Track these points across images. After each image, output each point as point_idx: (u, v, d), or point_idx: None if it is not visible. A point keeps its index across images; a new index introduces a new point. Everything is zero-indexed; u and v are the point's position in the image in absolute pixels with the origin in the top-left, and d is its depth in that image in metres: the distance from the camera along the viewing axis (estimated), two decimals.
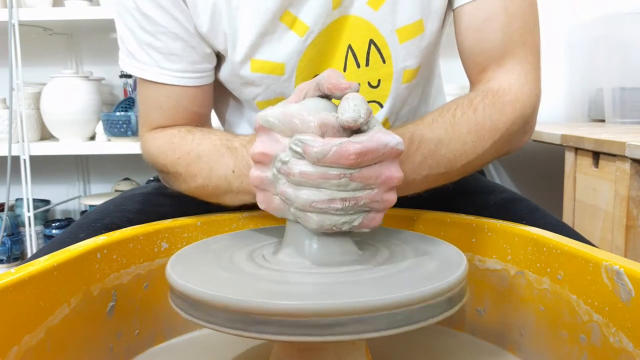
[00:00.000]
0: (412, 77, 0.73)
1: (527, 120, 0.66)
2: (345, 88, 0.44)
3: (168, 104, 0.74)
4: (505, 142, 0.64)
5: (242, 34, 0.68)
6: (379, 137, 0.43)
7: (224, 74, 0.74)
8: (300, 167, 0.42)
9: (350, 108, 0.42)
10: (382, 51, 0.70)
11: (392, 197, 0.45)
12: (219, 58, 0.74)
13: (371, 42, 0.70)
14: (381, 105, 0.74)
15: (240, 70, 0.71)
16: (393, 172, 0.44)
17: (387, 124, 0.75)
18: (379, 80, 0.72)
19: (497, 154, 0.65)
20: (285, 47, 0.68)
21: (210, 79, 0.74)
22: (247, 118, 0.79)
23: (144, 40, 0.70)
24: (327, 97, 0.47)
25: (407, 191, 0.60)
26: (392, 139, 0.43)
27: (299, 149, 0.42)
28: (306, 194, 0.43)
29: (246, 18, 0.67)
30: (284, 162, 0.43)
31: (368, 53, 0.70)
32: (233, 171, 0.62)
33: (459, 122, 0.61)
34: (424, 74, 0.76)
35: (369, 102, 0.71)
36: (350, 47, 0.70)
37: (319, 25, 0.68)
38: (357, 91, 0.45)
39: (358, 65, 0.71)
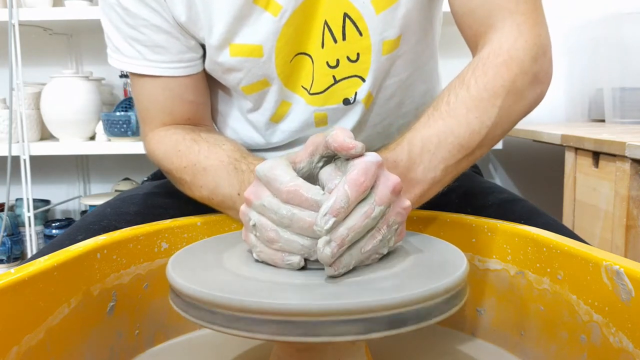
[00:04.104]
0: (393, 48, 0.72)
1: (531, 72, 0.63)
2: (350, 148, 0.44)
3: (162, 96, 0.74)
4: (515, 101, 0.63)
5: (218, 20, 0.68)
6: (358, 160, 0.43)
7: (207, 62, 0.74)
8: (347, 225, 0.42)
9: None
10: (357, 24, 0.70)
11: (407, 203, 0.46)
12: (204, 48, 0.74)
13: (345, 15, 0.69)
14: (363, 80, 0.73)
15: (220, 57, 0.71)
16: (391, 179, 0.45)
17: (370, 97, 0.75)
18: (358, 54, 0.71)
19: (515, 115, 0.64)
20: (262, 29, 0.69)
21: (199, 68, 0.74)
22: (237, 106, 0.79)
23: (129, 35, 0.71)
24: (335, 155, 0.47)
25: (436, 189, 0.61)
26: (367, 156, 0.44)
27: (330, 224, 0.41)
28: (362, 244, 0.43)
29: (220, 4, 0.68)
30: (326, 244, 0.41)
31: (344, 27, 0.70)
32: (238, 194, 0.63)
33: (454, 106, 0.60)
34: (410, 44, 0.74)
35: (350, 77, 0.72)
36: (326, 22, 0.70)
37: (292, 3, 0.68)
38: (362, 151, 0.44)
39: (335, 41, 0.70)
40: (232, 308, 0.39)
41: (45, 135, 1.96)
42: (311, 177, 0.48)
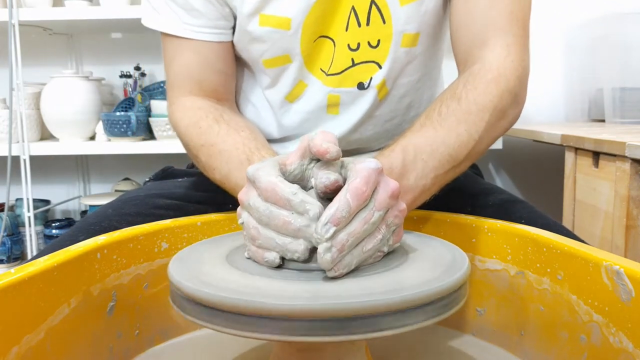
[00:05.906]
0: (411, 43, 0.74)
1: (514, 92, 0.66)
2: (324, 153, 0.45)
3: (194, 61, 0.76)
4: (499, 118, 0.65)
5: None
6: (360, 167, 0.44)
7: (236, 32, 0.76)
8: (348, 231, 0.42)
9: (322, 177, 0.45)
10: (382, 11, 0.72)
11: (403, 206, 0.47)
12: (235, 19, 0.76)
13: (372, 2, 0.72)
14: (380, 67, 0.75)
15: (249, 25, 0.73)
16: (390, 184, 0.45)
17: (384, 88, 0.77)
18: (379, 41, 0.74)
19: (497, 132, 0.66)
20: (293, 3, 0.71)
21: (230, 37, 0.76)
22: (259, 83, 0.81)
23: None
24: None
25: (425, 197, 0.62)
26: (369, 163, 0.44)
27: (330, 233, 0.41)
28: (364, 244, 0.44)
29: None
30: (327, 250, 0.41)
31: (369, 13, 0.72)
32: None
33: (446, 117, 0.63)
34: (425, 46, 0.77)
35: (368, 62, 0.75)
36: (353, 7, 0.72)
37: None
38: (338, 156, 0.45)
39: (359, 24, 0.73)
40: (232, 308, 0.39)
41: (45, 135, 1.96)
42: (304, 179, 0.48)
